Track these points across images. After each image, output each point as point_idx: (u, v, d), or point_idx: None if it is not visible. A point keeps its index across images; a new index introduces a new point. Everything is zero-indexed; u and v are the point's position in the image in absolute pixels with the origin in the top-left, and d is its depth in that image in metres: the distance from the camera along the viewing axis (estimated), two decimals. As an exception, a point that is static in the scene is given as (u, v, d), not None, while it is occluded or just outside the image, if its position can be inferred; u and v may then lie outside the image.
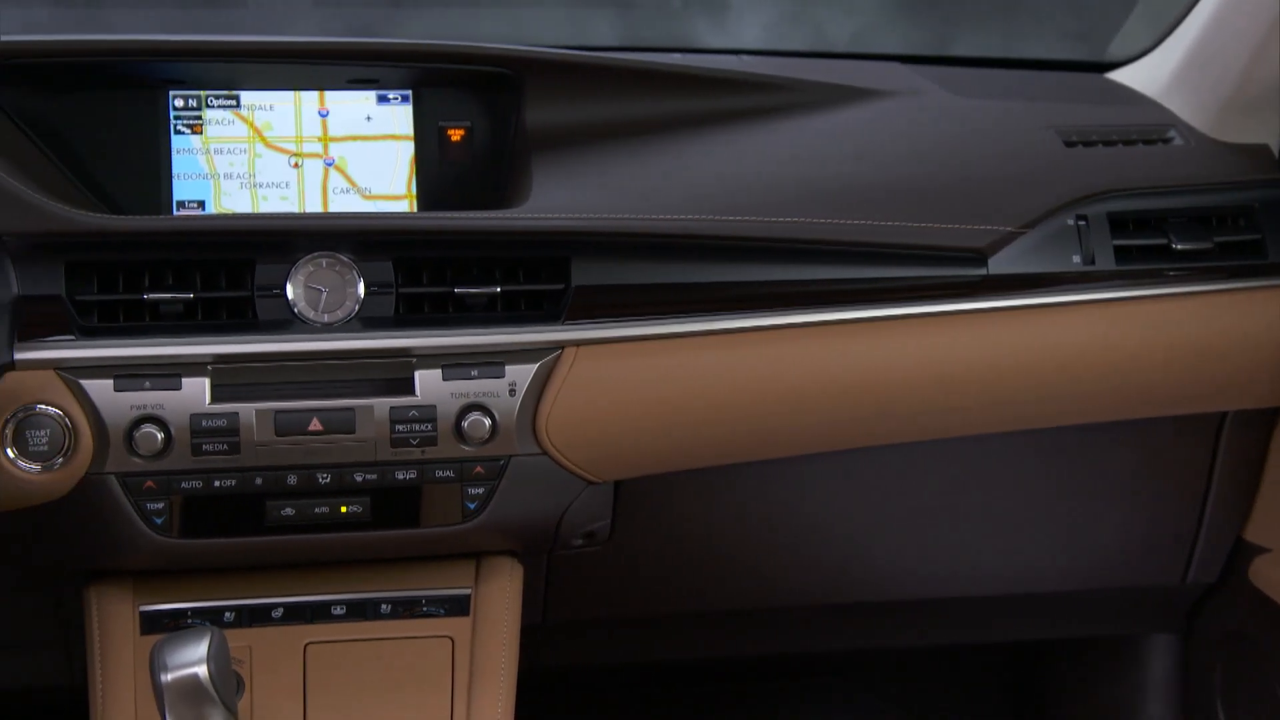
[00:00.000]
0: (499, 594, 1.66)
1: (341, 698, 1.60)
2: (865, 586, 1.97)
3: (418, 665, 1.62)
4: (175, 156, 1.66)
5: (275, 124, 1.69)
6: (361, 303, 1.56)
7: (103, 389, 1.49)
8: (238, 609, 1.61)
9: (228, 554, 1.59)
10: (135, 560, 1.59)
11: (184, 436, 1.50)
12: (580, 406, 1.58)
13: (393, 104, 1.71)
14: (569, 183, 1.64)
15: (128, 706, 1.56)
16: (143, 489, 1.52)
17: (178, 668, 1.39)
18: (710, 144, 1.73)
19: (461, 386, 1.55)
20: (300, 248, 1.55)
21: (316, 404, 1.53)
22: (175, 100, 1.67)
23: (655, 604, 1.95)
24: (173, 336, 1.52)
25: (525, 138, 1.67)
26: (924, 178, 1.73)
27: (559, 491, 1.62)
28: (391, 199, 1.70)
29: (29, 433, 1.47)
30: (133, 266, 1.53)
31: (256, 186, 1.68)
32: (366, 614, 1.64)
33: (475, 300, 1.58)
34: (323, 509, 1.55)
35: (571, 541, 1.71)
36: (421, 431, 1.54)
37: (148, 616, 1.60)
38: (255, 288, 1.54)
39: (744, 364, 1.63)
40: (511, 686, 1.63)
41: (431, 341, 1.55)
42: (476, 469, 1.57)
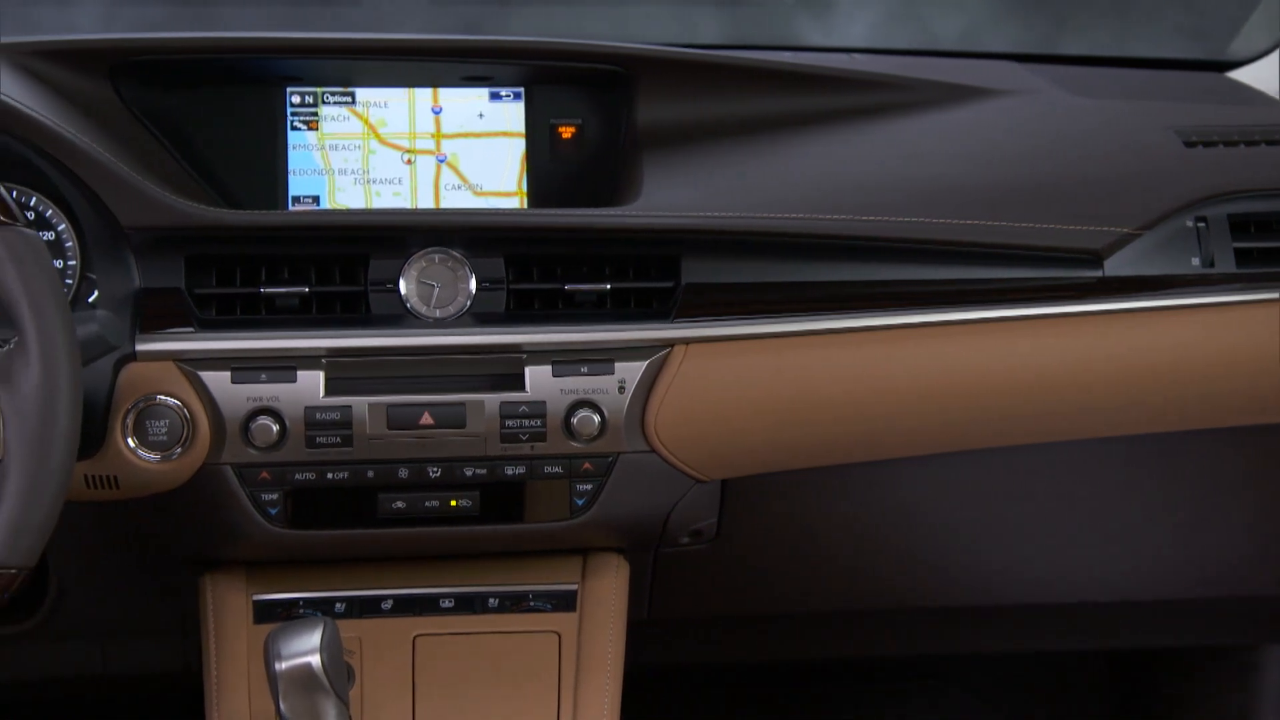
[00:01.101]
0: (606, 590, 1.67)
1: (449, 690, 1.61)
2: (970, 590, 1.95)
3: (525, 660, 1.63)
4: (291, 152, 1.69)
5: (389, 120, 1.71)
6: (473, 298, 1.57)
7: (220, 381, 1.52)
8: (348, 600, 1.63)
9: (339, 545, 1.60)
10: (249, 550, 1.61)
11: (298, 429, 1.52)
12: (689, 404, 1.58)
13: (505, 101, 1.72)
14: (679, 180, 1.64)
15: (242, 693, 1.59)
16: (258, 480, 1.54)
17: (292, 656, 1.41)
18: (822, 142, 1.72)
19: (571, 383, 1.56)
20: (413, 243, 1.57)
21: (428, 398, 1.54)
22: (292, 97, 1.69)
23: (760, 603, 1.94)
24: (288, 330, 1.54)
25: (636, 135, 1.68)
26: (1039, 178, 1.71)
27: (666, 489, 1.62)
28: (502, 196, 1.71)
29: (149, 423, 1.50)
30: (250, 260, 1.56)
31: (370, 182, 1.70)
32: (474, 608, 1.65)
33: (585, 297, 1.59)
34: (433, 502, 1.57)
35: (678, 539, 1.71)
36: (531, 427, 1.55)
37: (261, 605, 1.63)
38: (369, 282, 1.56)
39: (853, 364, 1.62)
40: (618, 682, 1.63)
41: (541, 338, 1.56)
42: (585, 465, 1.57)
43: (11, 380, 1.30)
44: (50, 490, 1.30)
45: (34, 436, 1.29)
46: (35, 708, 2.23)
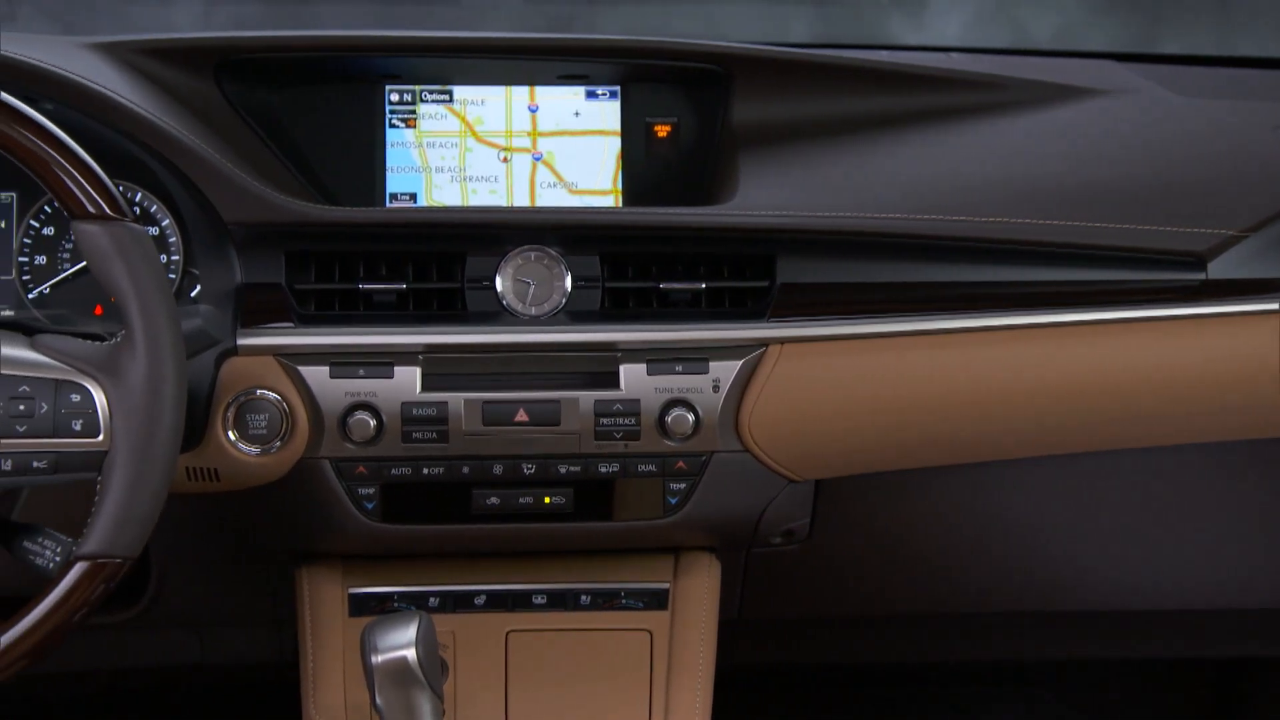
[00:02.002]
0: (697, 589, 1.67)
1: (541, 685, 1.62)
2: (1064, 595, 1.93)
3: (616, 657, 1.64)
4: (389, 150, 1.70)
5: (486, 118, 1.72)
6: (568, 296, 1.58)
7: (319, 376, 1.53)
8: (442, 595, 1.65)
9: (433, 540, 1.62)
10: (345, 543, 1.63)
11: (395, 424, 1.54)
12: (783, 404, 1.57)
13: (601, 99, 1.73)
14: (775, 180, 1.64)
15: (337, 685, 1.61)
16: (354, 474, 1.55)
17: (388, 650, 1.42)
18: (918, 142, 1.71)
19: (665, 381, 1.56)
20: (510, 241, 1.58)
21: (523, 395, 1.55)
22: (391, 95, 1.71)
23: (850, 605, 1.94)
24: (386, 326, 1.55)
25: (732, 134, 1.67)
26: (1140, 178, 1.68)
27: (760, 489, 1.62)
28: (598, 194, 1.72)
29: (249, 416, 1.52)
30: (349, 256, 1.57)
31: (466, 180, 1.71)
32: (566, 604, 1.65)
33: (680, 296, 1.59)
34: (527, 499, 1.58)
35: (770, 539, 1.71)
36: (625, 425, 1.55)
37: (356, 599, 1.64)
38: (465, 279, 1.57)
39: (949, 366, 1.61)
40: (709, 681, 1.63)
41: (636, 336, 1.56)
42: (678, 464, 1.58)
43: (119, 373, 1.33)
44: (155, 482, 1.32)
45: (140, 429, 1.32)
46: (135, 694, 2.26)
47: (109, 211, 1.33)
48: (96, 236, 1.33)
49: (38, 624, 1.30)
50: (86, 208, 1.33)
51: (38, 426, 1.32)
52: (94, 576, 1.30)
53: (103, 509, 1.31)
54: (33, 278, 1.63)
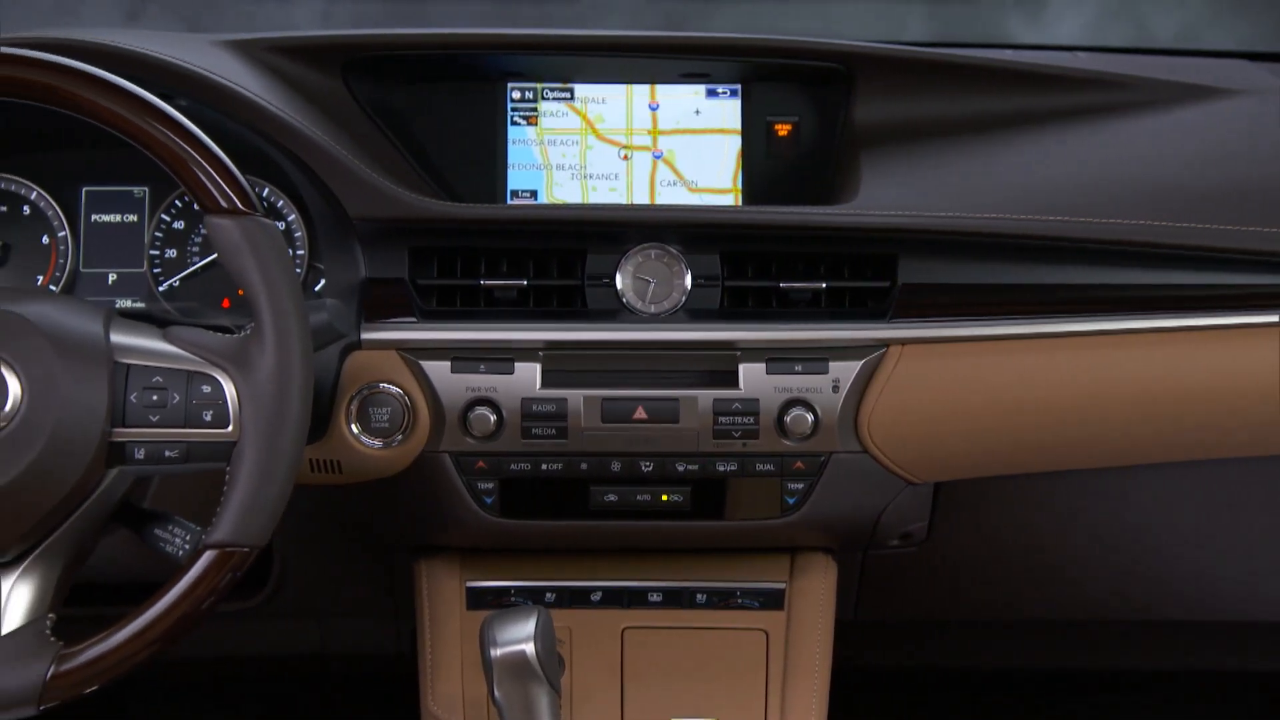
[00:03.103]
0: (814, 590, 1.66)
1: (657, 683, 1.62)
2: (1189, 604, 1.89)
3: (732, 656, 1.63)
4: (511, 147, 1.71)
5: (607, 116, 1.72)
6: (688, 294, 1.58)
7: (441, 370, 1.55)
8: (558, 590, 1.65)
9: (550, 536, 1.63)
10: (463, 537, 1.64)
11: (515, 419, 1.55)
12: (903, 406, 1.56)
13: (722, 98, 1.73)
14: (897, 179, 1.63)
15: (455, 677, 1.62)
16: (474, 469, 1.57)
17: (507, 644, 1.43)
18: (1042, 142, 1.69)
19: (785, 381, 1.55)
20: (630, 239, 1.58)
21: (642, 392, 1.55)
22: (513, 92, 1.72)
23: (968, 609, 1.92)
24: (506, 322, 1.57)
25: (854, 133, 1.66)
26: (1273, 180, 1.65)
27: (878, 490, 1.61)
28: (717, 193, 1.72)
29: (371, 410, 1.54)
30: (471, 253, 1.59)
31: (587, 177, 1.72)
32: (682, 602, 1.66)
33: (800, 295, 1.58)
34: (644, 496, 1.58)
35: (888, 541, 1.70)
36: (744, 424, 1.55)
37: (474, 592, 1.66)
38: (586, 277, 1.58)
39: (1072, 369, 1.59)
40: (825, 683, 1.62)
41: (756, 335, 1.56)
42: (796, 464, 1.57)
43: (248, 365, 1.35)
44: (282, 472, 1.33)
45: (268, 420, 1.33)
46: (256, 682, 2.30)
47: (241, 206, 1.35)
48: (228, 230, 1.35)
49: (167, 610, 1.32)
50: (219, 202, 1.35)
51: (170, 417, 1.34)
52: (222, 565, 1.32)
53: (231, 498, 1.32)
54: (163, 271, 1.66)
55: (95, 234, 1.67)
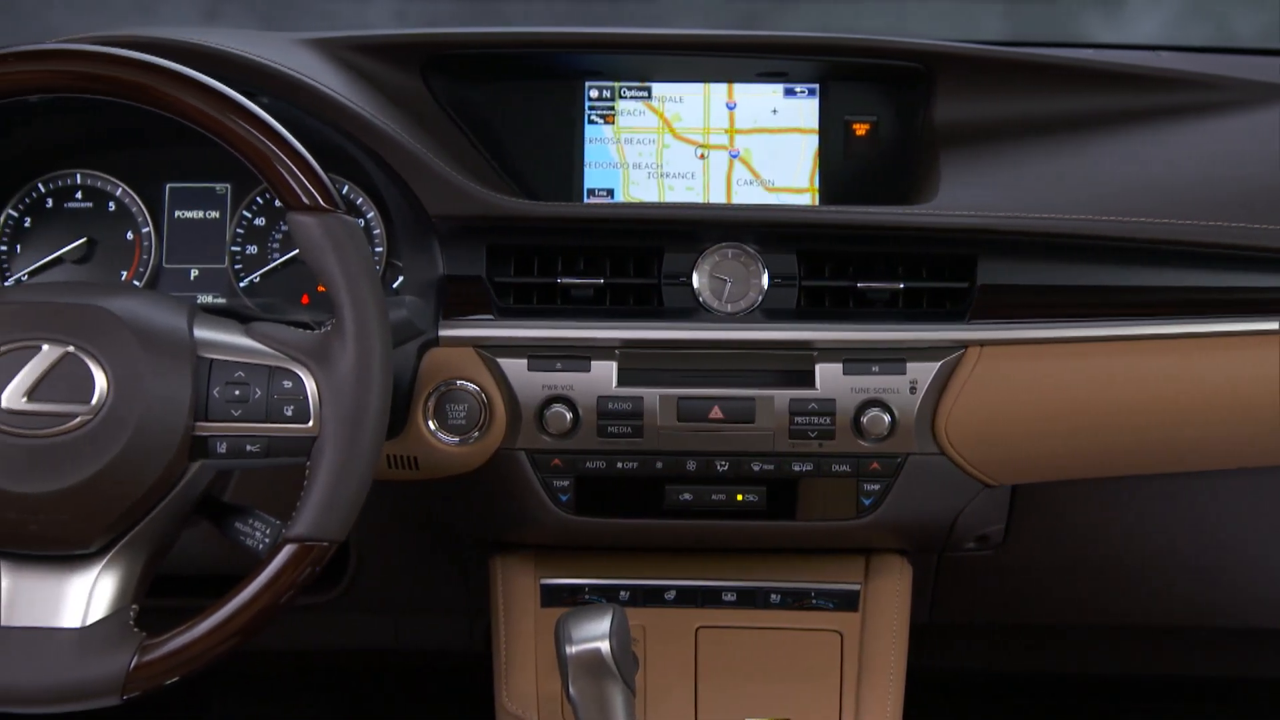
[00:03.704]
0: (889, 592, 1.65)
1: (731, 682, 1.62)
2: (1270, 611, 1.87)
3: (806, 657, 1.63)
4: (588, 145, 1.72)
5: (684, 115, 1.72)
6: (764, 294, 1.57)
7: (517, 368, 1.55)
8: (632, 589, 1.65)
9: (624, 534, 1.63)
10: (538, 534, 1.65)
11: (591, 417, 1.55)
12: (981, 408, 1.55)
13: (799, 97, 1.72)
14: (977, 179, 1.61)
15: (529, 674, 1.62)
16: (550, 466, 1.57)
17: (583, 641, 1.44)
18: (1125, 142, 1.67)
19: (862, 382, 1.54)
20: (707, 238, 1.58)
21: (718, 392, 1.55)
22: (591, 91, 1.72)
23: (1044, 613, 1.90)
24: (583, 320, 1.57)
25: (933, 133, 1.65)
26: None
27: (955, 492, 1.60)
28: (794, 192, 1.71)
29: (448, 406, 1.55)
30: (548, 251, 1.59)
31: (663, 176, 1.72)
32: (756, 602, 1.65)
33: (877, 295, 1.58)
34: (719, 496, 1.58)
35: (964, 544, 1.69)
36: (820, 425, 1.54)
37: (548, 589, 1.66)
38: (662, 275, 1.58)
39: (1154, 372, 1.57)
40: (900, 685, 1.62)
41: (833, 335, 1.55)
42: (873, 465, 1.56)
43: (329, 361, 1.35)
44: (361, 468, 1.34)
45: (348, 415, 1.34)
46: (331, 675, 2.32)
47: (323, 203, 1.36)
48: (310, 228, 1.36)
49: (248, 603, 1.33)
50: (301, 199, 1.36)
51: (251, 411, 1.35)
52: (302, 559, 1.33)
53: (311, 493, 1.33)
54: (244, 267, 1.68)
55: (178, 230, 1.69)
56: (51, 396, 1.31)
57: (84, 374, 1.32)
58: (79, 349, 1.32)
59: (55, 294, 1.38)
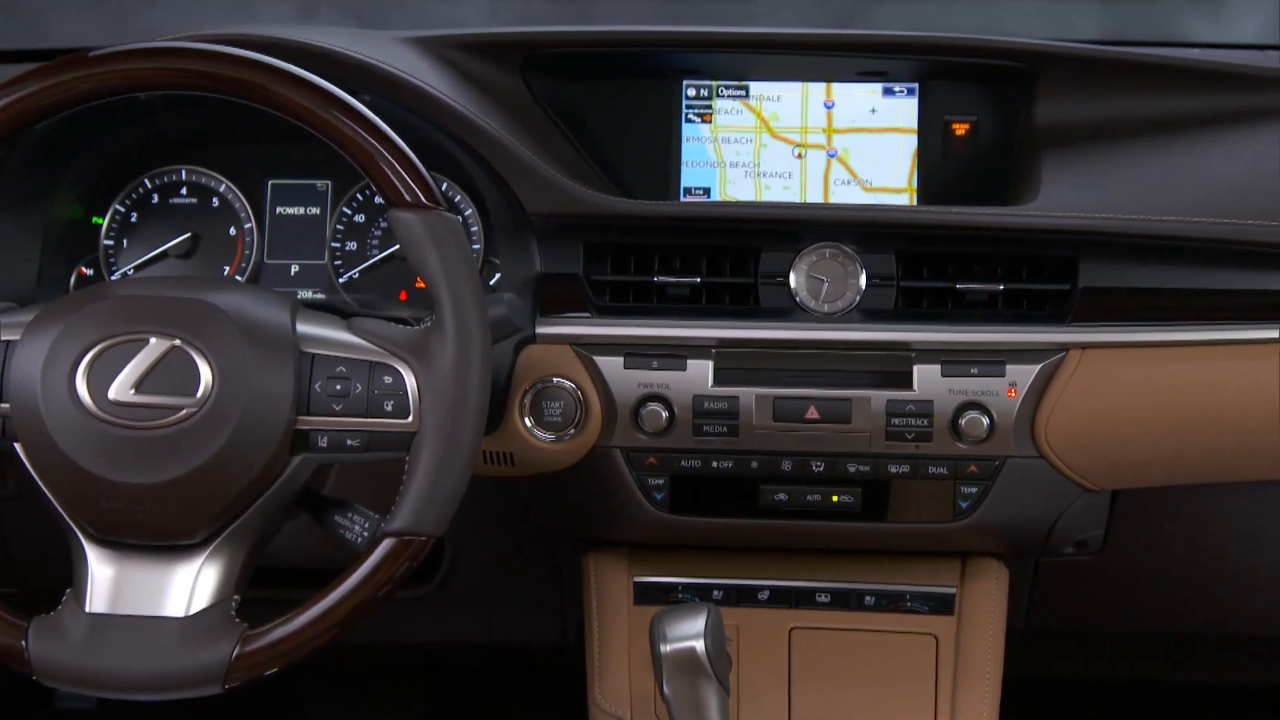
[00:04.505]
0: (985, 596, 1.64)
1: (824, 684, 1.62)
2: None
3: (901, 660, 1.62)
4: (685, 144, 1.72)
5: (781, 114, 1.71)
6: (862, 294, 1.56)
7: (614, 366, 1.55)
8: (726, 588, 1.65)
9: (718, 533, 1.63)
10: (631, 532, 1.65)
11: (686, 416, 1.55)
12: (1082, 411, 1.53)
13: (898, 96, 1.71)
14: (1079, 180, 1.59)
15: (622, 671, 1.63)
16: (645, 464, 1.57)
17: (677, 640, 1.43)
18: (1231, 143, 1.64)
19: (960, 384, 1.53)
20: (805, 237, 1.57)
21: (814, 392, 1.55)
22: (688, 90, 1.72)
23: (1144, 620, 1.87)
24: (679, 319, 1.57)
25: (1035, 133, 1.64)
26: None
27: (1054, 497, 1.58)
28: (892, 192, 1.70)
29: (545, 404, 1.55)
30: (644, 249, 1.59)
31: (760, 175, 1.71)
32: (850, 604, 1.64)
33: (976, 297, 1.56)
34: (814, 496, 1.57)
35: (1062, 548, 1.67)
36: (917, 426, 1.53)
37: (641, 587, 1.66)
38: (759, 275, 1.57)
39: (1258, 377, 1.54)
40: (997, 690, 1.60)
41: (931, 336, 1.54)
42: (970, 468, 1.55)
43: (429, 356, 1.36)
44: (460, 464, 1.35)
45: (447, 411, 1.35)
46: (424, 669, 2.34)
47: (424, 200, 1.37)
48: (412, 224, 1.36)
49: (347, 596, 1.34)
50: (404, 196, 1.36)
51: (352, 406, 1.36)
52: (400, 553, 1.34)
53: (410, 488, 1.34)
54: (343, 263, 1.70)
55: (279, 226, 1.71)
56: (158, 389, 1.33)
57: (190, 367, 1.34)
58: (185, 343, 1.34)
59: (162, 288, 1.40)
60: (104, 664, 1.33)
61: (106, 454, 1.32)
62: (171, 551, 1.36)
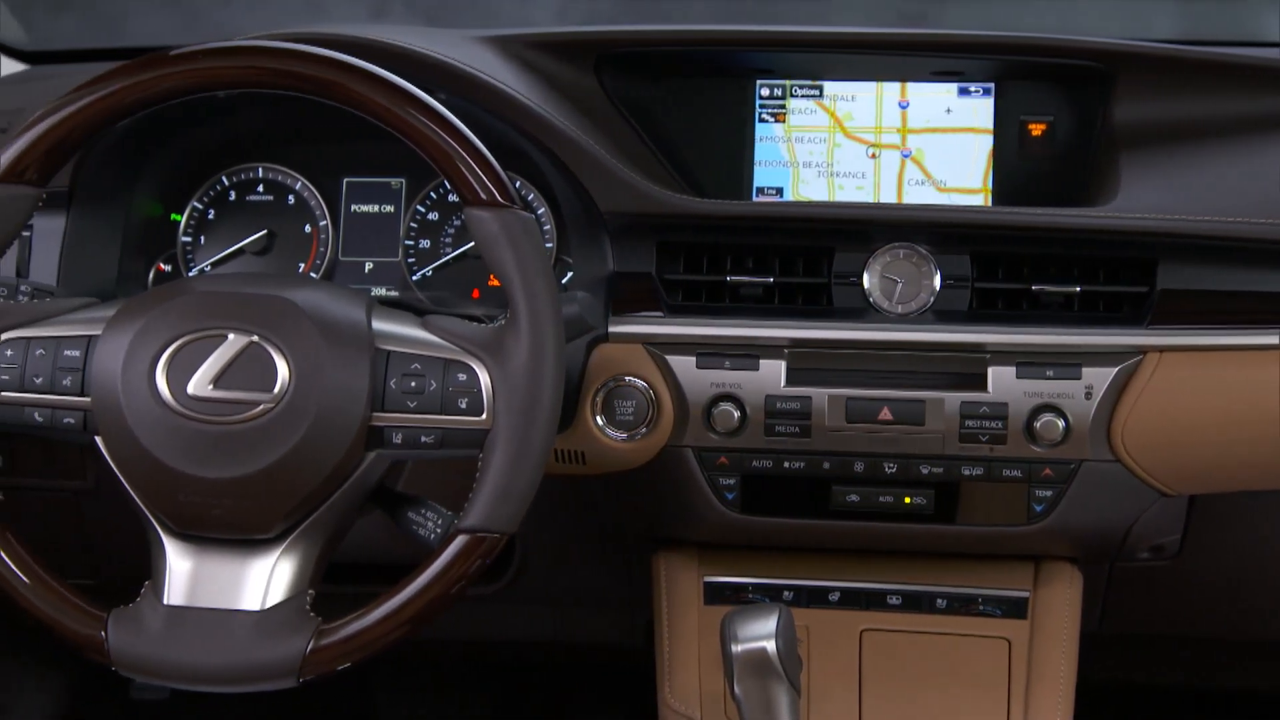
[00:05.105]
0: (1058, 600, 1.62)
1: (895, 686, 1.61)
2: None
3: (973, 664, 1.61)
4: (758, 144, 1.71)
5: (855, 114, 1.71)
6: (936, 295, 1.55)
7: (686, 365, 1.55)
8: (796, 589, 1.65)
9: (788, 534, 1.62)
10: (702, 532, 1.65)
11: (758, 416, 1.54)
12: (1159, 415, 1.51)
13: (974, 96, 1.70)
14: (1158, 182, 1.58)
15: (692, 671, 1.63)
16: (716, 464, 1.57)
17: (748, 640, 1.43)
18: None
19: (1035, 386, 1.52)
20: (879, 238, 1.56)
21: (887, 393, 1.54)
22: (762, 89, 1.72)
23: (1221, 627, 1.85)
24: (752, 319, 1.56)
25: (1113, 133, 1.62)
26: None
27: (1129, 501, 1.56)
28: (967, 192, 1.69)
29: (616, 402, 1.55)
30: (717, 249, 1.59)
31: (834, 175, 1.71)
32: (921, 606, 1.63)
33: (1051, 299, 1.55)
34: (887, 498, 1.56)
35: (1137, 553, 1.65)
36: (991, 429, 1.52)
37: (711, 587, 1.66)
38: (833, 275, 1.57)
39: (1341, 382, 1.52)
40: (1070, 696, 1.58)
41: (1006, 338, 1.53)
42: (1045, 471, 1.53)
43: (503, 354, 1.36)
44: (533, 461, 1.35)
45: (521, 408, 1.35)
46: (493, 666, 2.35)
47: (500, 199, 1.37)
48: (487, 222, 1.37)
49: (420, 592, 1.34)
50: (480, 195, 1.36)
51: (427, 403, 1.37)
52: (473, 550, 1.34)
53: (484, 485, 1.34)
54: (417, 260, 1.71)
55: (354, 223, 1.72)
56: (236, 385, 1.34)
57: (267, 363, 1.35)
58: (263, 339, 1.35)
59: (240, 284, 1.41)
60: (181, 656, 1.35)
61: (185, 448, 1.34)
62: (248, 546, 1.38)
